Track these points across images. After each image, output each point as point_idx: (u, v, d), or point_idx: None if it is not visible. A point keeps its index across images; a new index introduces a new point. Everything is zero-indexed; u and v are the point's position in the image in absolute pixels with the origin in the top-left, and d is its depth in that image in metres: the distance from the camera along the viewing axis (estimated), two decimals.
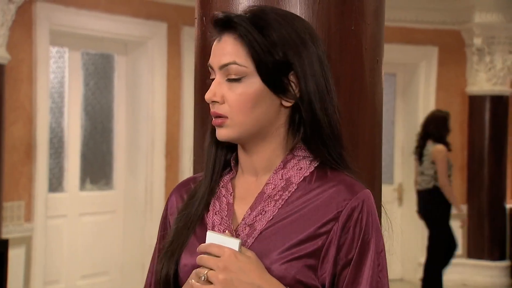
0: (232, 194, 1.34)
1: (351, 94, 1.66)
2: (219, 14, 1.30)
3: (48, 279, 5.49)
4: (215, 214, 1.33)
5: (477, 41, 6.80)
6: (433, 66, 7.00)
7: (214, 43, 1.31)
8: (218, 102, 1.28)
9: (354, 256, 1.24)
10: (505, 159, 6.90)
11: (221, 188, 1.35)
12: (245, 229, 1.29)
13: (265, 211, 1.28)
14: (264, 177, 1.33)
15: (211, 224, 1.32)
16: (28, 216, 5.27)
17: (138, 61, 6.03)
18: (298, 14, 1.61)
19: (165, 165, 5.99)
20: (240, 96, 1.26)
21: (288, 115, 1.30)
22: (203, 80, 1.72)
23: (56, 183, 5.76)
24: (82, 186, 5.93)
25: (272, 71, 1.27)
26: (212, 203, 1.34)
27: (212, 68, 1.30)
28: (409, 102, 7.19)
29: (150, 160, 5.95)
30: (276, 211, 1.28)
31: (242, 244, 1.24)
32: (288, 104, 1.29)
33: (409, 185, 6.85)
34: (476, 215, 6.88)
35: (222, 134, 1.29)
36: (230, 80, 1.27)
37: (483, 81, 6.90)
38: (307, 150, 1.32)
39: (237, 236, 1.28)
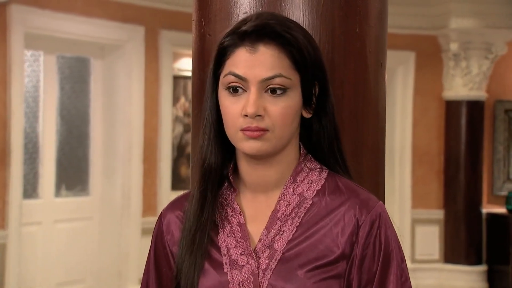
0: (242, 213, 1.28)
1: (356, 98, 1.62)
2: (252, 23, 1.24)
3: (22, 287, 5.38)
4: (227, 236, 1.27)
5: (454, 47, 6.84)
6: (410, 71, 7.02)
7: (242, 53, 1.24)
8: (261, 116, 1.22)
9: (377, 271, 1.22)
10: (481, 164, 6.94)
11: (225, 207, 1.29)
12: (264, 251, 1.24)
13: (283, 231, 1.24)
14: (274, 193, 1.28)
15: (225, 247, 1.26)
16: (2, 223, 5.15)
17: (115, 65, 5.94)
18: (302, 17, 1.56)
19: (143, 171, 5.91)
20: (283, 109, 1.23)
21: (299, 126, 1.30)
22: (201, 84, 1.67)
23: (30, 190, 5.65)
24: (57, 192, 5.83)
25: (310, 83, 1.25)
26: (220, 224, 1.28)
27: (242, 79, 1.23)
28: (387, 106, 7.19)
29: (127, 165, 5.87)
30: (295, 230, 1.24)
31: (265, 267, 1.22)
32: (309, 116, 1.28)
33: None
34: (453, 219, 6.91)
35: (257, 146, 1.23)
36: (273, 93, 1.22)
37: (459, 86, 6.94)
38: (314, 160, 1.30)
39: (257, 258, 1.24)
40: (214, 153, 1.28)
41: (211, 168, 1.29)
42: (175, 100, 6.45)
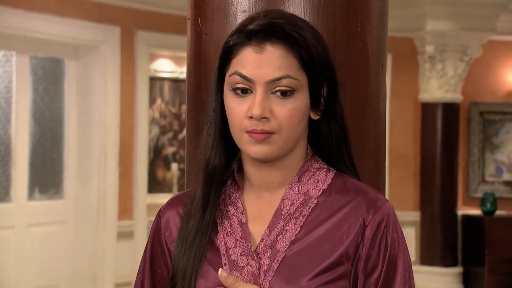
0: (244, 212, 1.23)
1: (357, 100, 1.58)
2: (259, 22, 1.20)
3: None
4: (227, 235, 1.22)
5: (429, 49, 6.86)
6: (387, 73, 7.01)
7: (249, 53, 1.19)
8: (267, 118, 1.18)
9: (382, 274, 1.18)
10: (457, 166, 6.97)
11: (228, 206, 1.25)
12: (266, 251, 1.20)
13: (286, 231, 1.20)
14: (278, 192, 1.24)
15: (224, 247, 1.22)
16: None
17: (90, 66, 5.85)
18: (302, 15, 1.52)
19: (119, 173, 5.83)
20: (291, 111, 1.19)
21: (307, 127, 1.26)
22: (197, 84, 1.61)
23: (2, 193, 5.55)
24: (31, 196, 5.72)
25: (319, 84, 1.21)
26: (219, 222, 1.24)
27: (248, 79, 1.19)
28: None
29: (102, 168, 5.78)
30: (298, 230, 1.20)
31: (267, 268, 1.17)
32: (317, 117, 1.24)
33: None
34: (429, 221, 6.93)
35: (263, 151, 1.19)
36: (280, 94, 1.18)
37: (435, 89, 6.96)
38: (321, 161, 1.27)
39: (258, 259, 1.19)
40: (219, 155, 1.24)
41: (215, 170, 1.24)
42: (152, 101, 6.38)
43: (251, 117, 1.17)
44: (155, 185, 6.46)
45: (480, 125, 7.23)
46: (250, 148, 1.19)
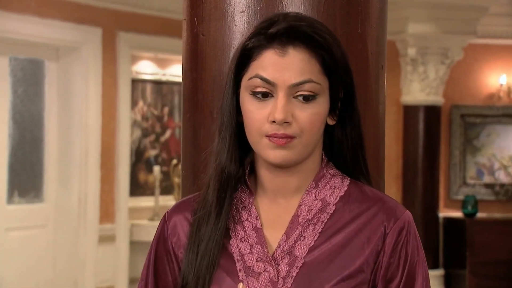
0: (258, 218, 1.21)
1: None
2: (280, 25, 1.17)
3: None
4: (241, 241, 1.20)
5: (411, 52, 6.87)
6: None
7: (271, 55, 1.17)
8: (288, 122, 1.15)
9: (402, 282, 1.17)
10: (438, 169, 6.99)
11: (240, 211, 1.22)
12: (284, 258, 1.17)
13: (304, 237, 1.18)
14: (294, 198, 1.22)
15: (238, 253, 1.19)
16: None
17: (71, 68, 5.78)
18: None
19: (100, 177, 5.77)
20: (313, 115, 1.17)
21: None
22: (194, 86, 1.58)
23: None
24: (10, 199, 5.63)
25: (337, 89, 1.20)
26: (232, 228, 1.21)
27: (270, 83, 1.16)
28: None
29: (83, 171, 5.71)
30: (317, 236, 1.18)
31: (285, 275, 1.15)
32: (333, 122, 1.22)
33: None
34: None
35: (282, 155, 1.17)
36: (302, 99, 1.16)
37: (417, 91, 6.98)
38: (335, 168, 1.25)
39: (276, 265, 1.16)
40: (234, 160, 1.22)
41: (230, 175, 1.22)
42: (134, 104, 6.31)
43: (273, 122, 1.16)
44: (137, 188, 6.39)
45: (461, 128, 7.26)
46: (269, 152, 1.17)
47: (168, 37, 5.99)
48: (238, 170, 1.22)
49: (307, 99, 1.16)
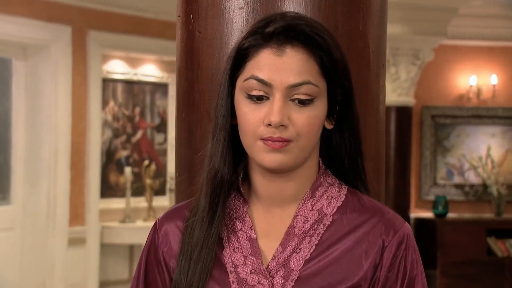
0: (253, 228, 1.16)
1: (358, 102, 1.50)
2: (278, 23, 1.12)
3: None
4: (234, 251, 1.14)
5: None
6: None
7: (267, 55, 1.12)
8: (285, 125, 1.10)
9: None
10: (409, 169, 7.01)
11: (234, 220, 1.17)
12: (279, 270, 1.12)
13: (300, 249, 1.13)
14: (290, 207, 1.17)
15: (231, 263, 1.14)
16: None
17: (39, 67, 5.65)
18: (302, 12, 1.44)
19: (70, 178, 5.66)
20: (310, 119, 1.12)
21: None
22: (190, 85, 1.52)
23: None
24: None
25: (336, 92, 1.15)
26: (225, 238, 1.16)
27: (266, 84, 1.11)
28: None
29: (53, 172, 5.59)
30: (313, 248, 1.13)
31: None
32: (331, 126, 1.17)
33: None
34: None
35: (278, 160, 1.11)
36: (299, 101, 1.11)
37: (388, 92, 6.98)
38: (332, 175, 1.21)
39: (270, 277, 1.11)
40: (228, 164, 1.16)
41: (224, 180, 1.16)
42: (104, 103, 6.20)
43: (269, 124, 1.10)
44: (107, 189, 6.28)
45: (432, 128, 7.30)
46: (264, 156, 1.11)
47: (140, 36, 5.91)
48: (232, 174, 1.17)
49: (303, 103, 1.11)
